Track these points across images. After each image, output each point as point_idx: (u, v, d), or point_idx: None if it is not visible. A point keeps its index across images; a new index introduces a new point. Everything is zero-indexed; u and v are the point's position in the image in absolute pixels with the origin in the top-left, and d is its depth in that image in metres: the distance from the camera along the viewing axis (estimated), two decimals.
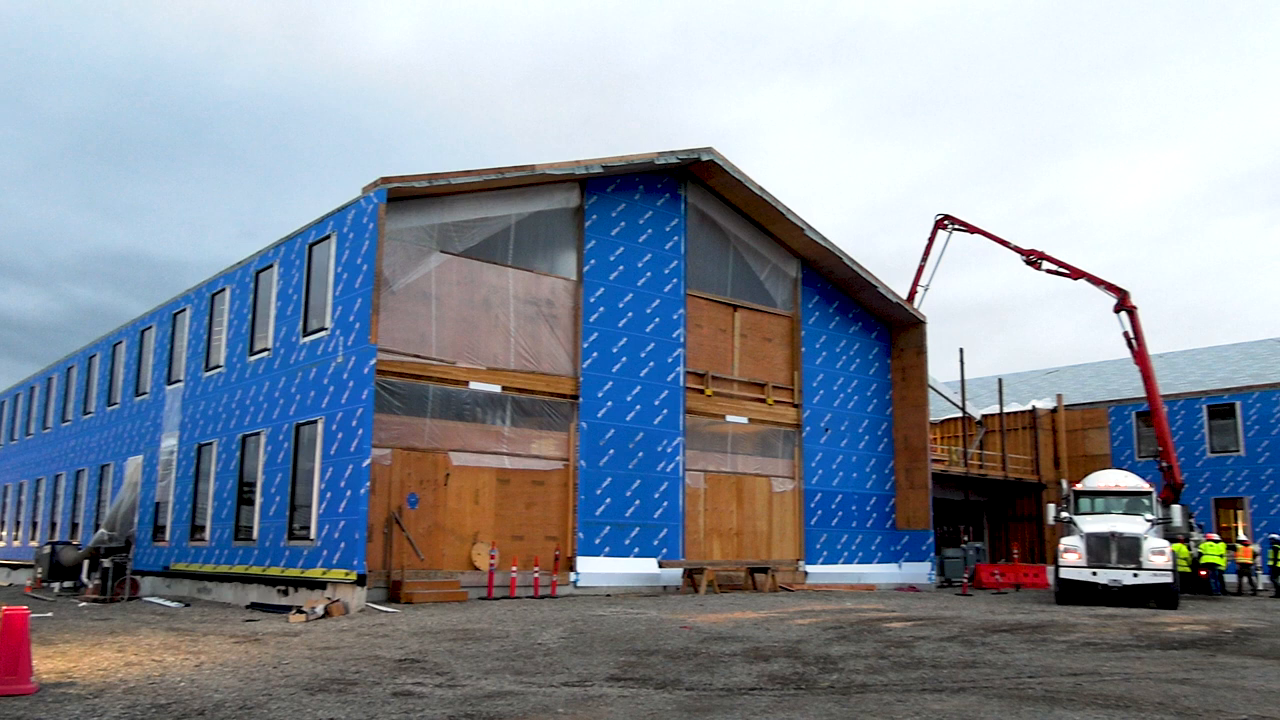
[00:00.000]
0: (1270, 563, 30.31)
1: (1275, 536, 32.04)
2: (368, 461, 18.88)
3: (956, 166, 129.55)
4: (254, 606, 20.39)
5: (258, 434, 22.66)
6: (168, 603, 21.76)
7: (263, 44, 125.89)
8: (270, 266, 23.55)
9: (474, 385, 22.67)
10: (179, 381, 27.32)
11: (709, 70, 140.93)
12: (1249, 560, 31.46)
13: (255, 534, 21.97)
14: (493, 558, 22.00)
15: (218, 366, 25.27)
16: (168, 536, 26.25)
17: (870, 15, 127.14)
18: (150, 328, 29.89)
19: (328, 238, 21.46)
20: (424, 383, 21.87)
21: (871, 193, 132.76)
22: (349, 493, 18.98)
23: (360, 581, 18.34)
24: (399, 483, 21.19)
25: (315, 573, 19.41)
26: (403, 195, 21.15)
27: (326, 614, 17.19)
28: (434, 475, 21.84)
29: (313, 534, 19.89)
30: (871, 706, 8.49)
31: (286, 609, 18.51)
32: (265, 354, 23.05)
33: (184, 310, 27.77)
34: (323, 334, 20.94)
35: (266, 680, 9.78)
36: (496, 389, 23.06)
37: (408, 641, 13.12)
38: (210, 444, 24.84)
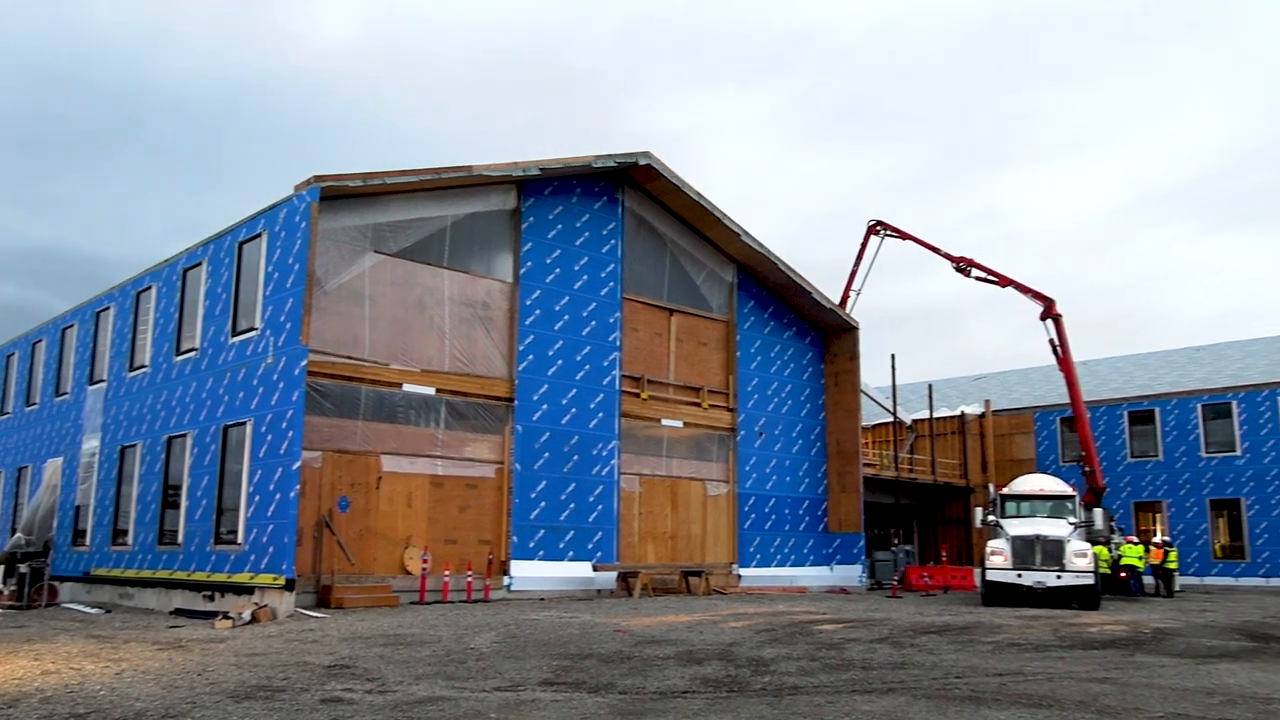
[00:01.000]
0: (1164, 565, 31.21)
1: (1169, 540, 33.05)
2: (298, 464, 18.57)
3: (894, 175, 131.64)
4: (178, 613, 19.93)
5: (184, 435, 22.16)
6: (88, 609, 21.16)
7: (199, 35, 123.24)
8: (199, 265, 23.06)
9: (407, 387, 22.42)
10: (101, 382, 26.60)
11: (653, 75, 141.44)
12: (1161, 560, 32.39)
13: (180, 538, 21.47)
14: (425, 562, 21.77)
15: (142, 366, 24.66)
16: (88, 541, 25.52)
17: (812, 25, 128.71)
18: (72, 326, 29.06)
19: (258, 236, 21.08)
20: (356, 384, 21.58)
21: (810, 199, 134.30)
22: (278, 496, 18.65)
23: (289, 586, 18.03)
24: (330, 486, 20.87)
25: (242, 577, 19.04)
26: (337, 194, 20.85)
27: (254, 620, 16.86)
28: (366, 478, 21.56)
29: (240, 538, 19.50)
30: (803, 708, 8.58)
31: (212, 615, 18.11)
32: (192, 354, 22.55)
33: (107, 309, 27.05)
34: (252, 334, 20.56)
35: (190, 688, 9.57)
36: (430, 391, 22.85)
37: (337, 647, 12.92)
38: (134, 446, 24.22)
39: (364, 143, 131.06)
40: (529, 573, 23.94)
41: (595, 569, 24.95)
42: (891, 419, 44.16)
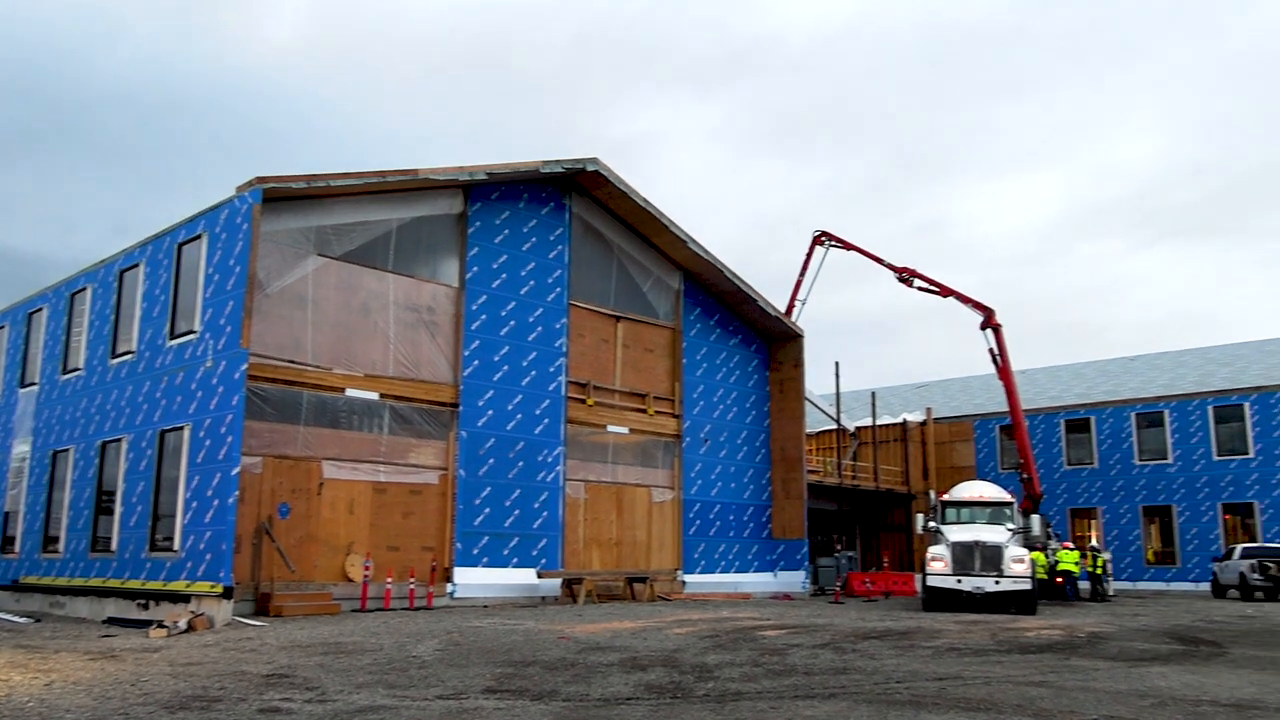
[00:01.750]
0: (1090, 570, 31.98)
1: (1095, 546, 33.86)
2: (237, 470, 18.26)
3: (841, 185, 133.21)
4: (111, 621, 19.46)
5: (119, 440, 21.67)
6: (16, 618, 20.57)
7: (143, 33, 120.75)
8: (136, 266, 22.59)
9: (350, 392, 22.17)
10: (33, 385, 25.93)
11: (604, 82, 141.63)
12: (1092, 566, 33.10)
13: (114, 545, 20.98)
14: (367, 569, 21.52)
15: (76, 369, 24.09)
16: (17, 548, 24.84)
17: (763, 36, 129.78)
18: (3, 327, 28.30)
19: (198, 237, 20.71)
20: (298, 389, 21.28)
21: (758, 208, 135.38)
22: (216, 502, 18.32)
23: (227, 594, 17.70)
24: (270, 492, 20.54)
25: (179, 585, 18.66)
26: (279, 196, 20.56)
27: (190, 628, 16.53)
28: (307, 484, 21.26)
29: (177, 545, 19.12)
30: (746, 714, 8.62)
31: (147, 624, 17.71)
32: (129, 357, 22.08)
33: (40, 310, 26.38)
34: (191, 337, 20.19)
35: (123, 699, 9.35)
36: (374, 396, 22.61)
37: (276, 656, 12.72)
38: (66, 451, 23.63)
39: (312, 144, 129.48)
40: (473, 580, 23.77)
41: (540, 576, 24.85)
42: (835, 426, 44.58)
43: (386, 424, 22.86)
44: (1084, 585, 31.80)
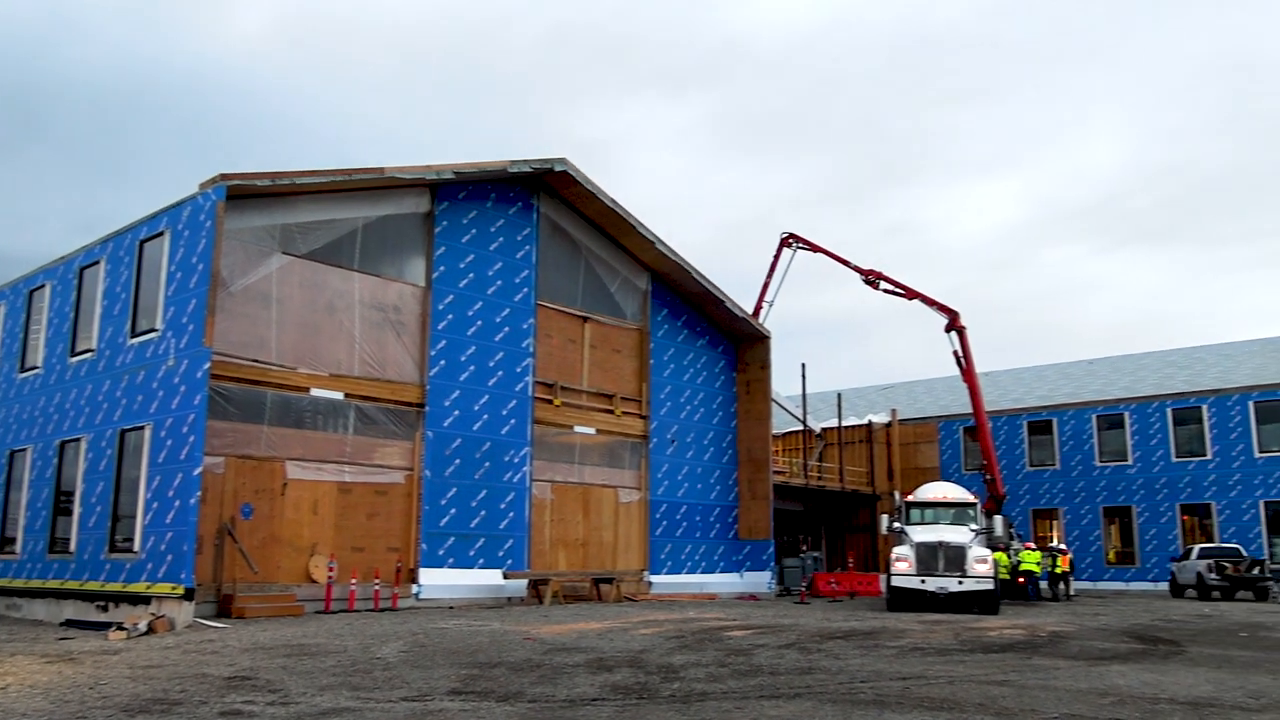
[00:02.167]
0: (1050, 570, 32.43)
1: (1057, 547, 34.31)
2: (199, 470, 18.05)
3: (810, 188, 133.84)
4: (69, 624, 19.17)
5: (78, 440, 21.34)
6: None
7: (104, 27, 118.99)
8: (96, 263, 22.26)
9: (315, 392, 21.98)
10: None
11: (575, 82, 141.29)
12: (1066, 569, 33.51)
13: (73, 546, 20.65)
14: (331, 570, 21.34)
15: (34, 368, 23.70)
16: None
17: (734, 39, 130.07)
18: None
19: (161, 234, 20.45)
20: (262, 388, 21.07)
21: (728, 210, 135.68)
22: (178, 502, 18.09)
23: (188, 596, 17.48)
24: (232, 492, 20.32)
25: (139, 587, 18.41)
26: (243, 193, 20.34)
27: (150, 630, 16.32)
28: (270, 484, 21.05)
29: (137, 546, 18.86)
30: (711, 714, 8.64)
31: (106, 626, 17.47)
32: (88, 355, 21.75)
33: None
34: (153, 335, 19.93)
35: (81, 702, 9.22)
36: (339, 396, 22.43)
37: (238, 658, 12.59)
38: (24, 450, 23.25)
39: (278, 141, 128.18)
40: (438, 580, 23.66)
41: (506, 576, 24.77)
42: (801, 427, 44.81)
43: (352, 424, 22.69)
44: (1044, 585, 32.18)
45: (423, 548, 23.49)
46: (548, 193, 27.92)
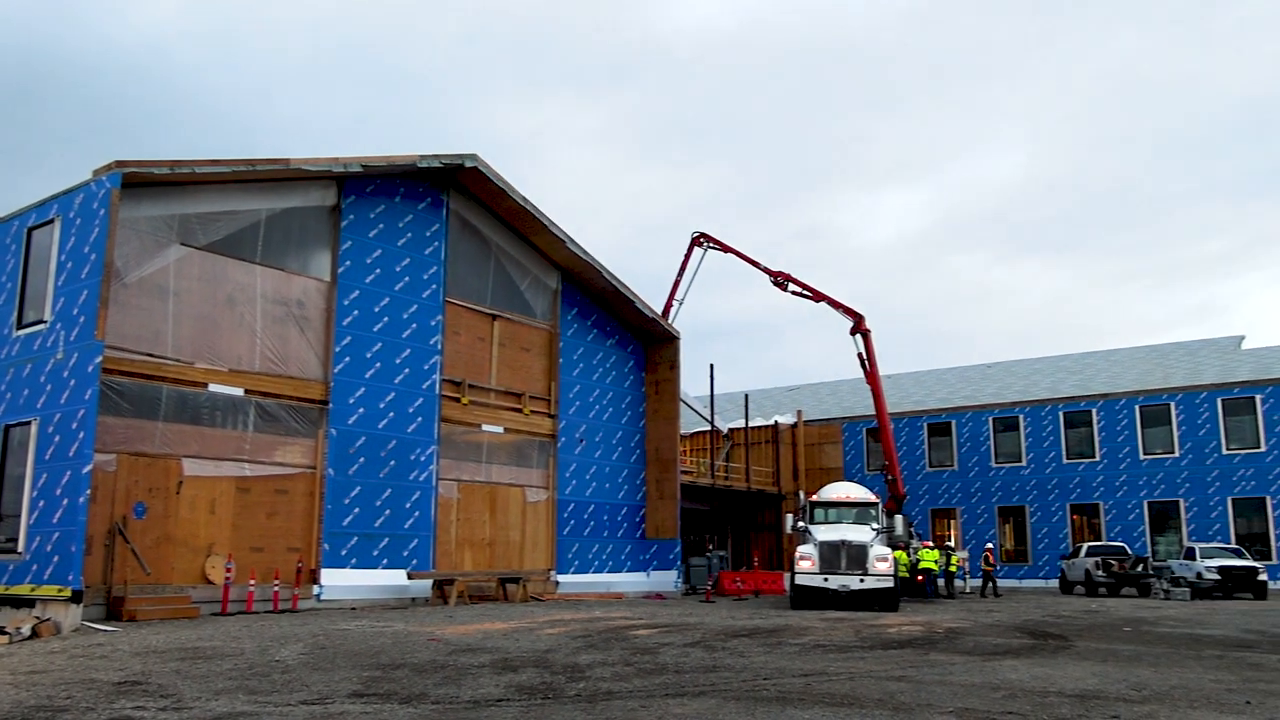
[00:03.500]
0: (984, 566, 33.61)
1: (990, 547, 35.52)
2: (88, 467, 17.40)
3: (725, 190, 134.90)
4: None
5: None
6: None
7: (4, 5, 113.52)
8: None
9: (213, 387, 21.37)
10: None
11: (492, 80, 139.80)
12: (961, 566, 34.57)
13: None
14: (229, 571, 20.78)
15: None
16: None
17: (650, 40, 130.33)
18: None
19: (51, 222, 19.66)
20: (157, 383, 20.39)
21: (642, 211, 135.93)
22: (66, 501, 17.42)
23: (76, 598, 16.85)
24: (125, 491, 19.63)
25: (22, 589, 17.66)
26: (140, 181, 19.67)
27: (34, 634, 15.67)
28: (165, 483, 20.39)
29: (21, 546, 18.09)
30: (617, 714, 8.66)
31: None
32: None
33: None
34: (41, 327, 19.14)
35: None
36: (239, 392, 21.85)
37: (129, 662, 12.16)
38: None
39: (183, 130, 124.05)
40: (340, 581, 23.22)
41: (410, 577, 24.43)
42: (709, 428, 45.21)
43: (252, 421, 22.12)
44: (960, 584, 33.17)
45: (325, 548, 23.03)
46: (458, 189, 27.63)
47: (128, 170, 18.84)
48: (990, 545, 36.93)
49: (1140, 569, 34.04)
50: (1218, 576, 30.83)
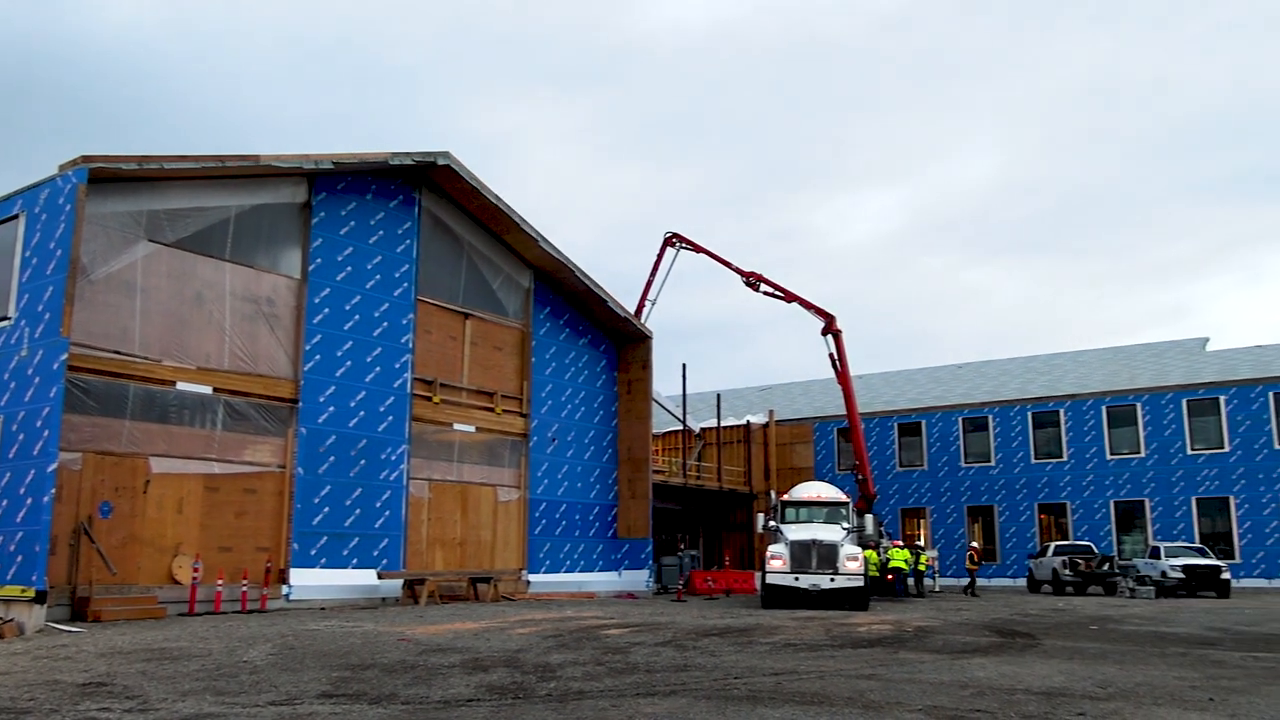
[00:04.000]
0: (968, 566, 34.17)
1: (976, 546, 35.98)
2: (53, 466, 17.18)
3: (701, 190, 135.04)
4: None
5: None
6: None
7: None
8: None
9: (182, 386, 21.16)
10: None
11: (470, 78, 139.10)
12: (931, 565, 34.87)
13: None
14: (196, 571, 20.58)
15: None
16: None
17: (630, 41, 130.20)
18: None
19: (15, 217, 19.40)
20: (124, 381, 20.16)
21: (618, 210, 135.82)
22: (29, 500, 17.19)
23: (40, 599, 16.63)
24: (90, 490, 19.39)
25: None
26: (108, 176, 19.44)
27: None
28: (132, 482, 20.17)
29: None
30: (588, 713, 8.65)
31: None
32: None
33: None
34: (5, 324, 18.88)
35: None
36: (207, 390, 21.64)
37: (94, 663, 12.03)
38: None
39: (156, 126, 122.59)
40: (310, 581, 23.05)
41: (380, 576, 24.30)
42: (681, 427, 45.26)
43: (220, 419, 21.93)
44: (929, 583, 33.46)
45: (294, 547, 22.86)
46: (430, 187, 27.51)
47: (94, 165, 18.62)
48: (975, 545, 37.27)
49: (1106, 568, 34.43)
50: (1182, 575, 31.23)
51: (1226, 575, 31.47)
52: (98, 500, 19.49)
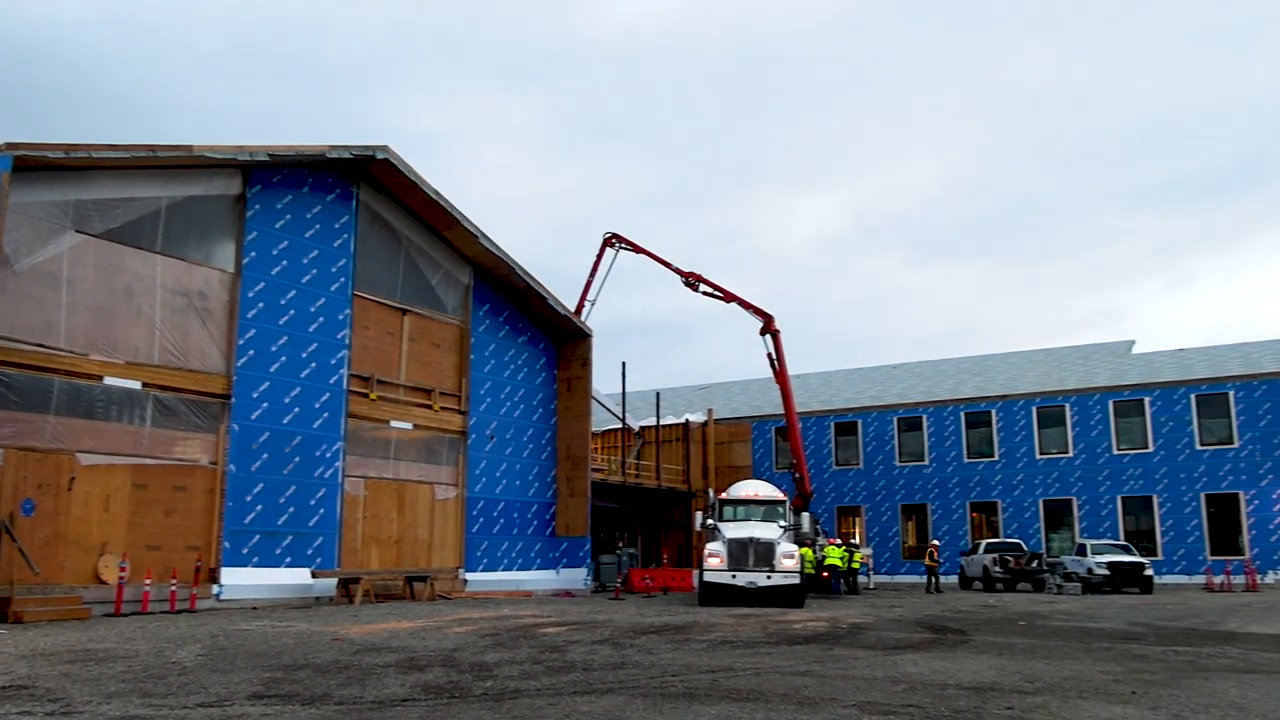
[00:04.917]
0: (927, 563, 34.91)
1: (936, 543, 36.56)
2: None
3: (644, 190, 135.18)
4: None
5: None
6: None
7: None
8: None
9: (109, 380, 20.65)
10: None
11: (414, 74, 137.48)
12: (865, 562, 35.37)
13: None
14: (123, 570, 20.09)
15: None
16: None
17: (576, 38, 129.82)
18: None
19: None
20: (48, 376, 19.63)
21: (562, 209, 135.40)
22: None
23: None
24: (12, 487, 18.84)
25: None
26: (33, 164, 18.91)
27: None
28: (56, 479, 19.64)
29: None
30: (524, 712, 8.62)
31: None
32: None
33: None
34: None
35: None
36: (136, 385, 21.15)
37: (14, 665, 11.68)
38: None
39: (91, 115, 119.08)
40: (242, 580, 22.66)
41: (314, 575, 23.96)
42: (621, 426, 45.28)
43: (150, 415, 21.44)
44: (864, 580, 33.87)
45: (225, 546, 22.44)
46: (369, 182, 27.18)
47: (19, 153, 18.10)
48: (936, 542, 37.74)
49: (1035, 565, 35.20)
50: (1107, 572, 32.03)
51: (1149, 572, 32.36)
52: (20, 498, 18.94)
